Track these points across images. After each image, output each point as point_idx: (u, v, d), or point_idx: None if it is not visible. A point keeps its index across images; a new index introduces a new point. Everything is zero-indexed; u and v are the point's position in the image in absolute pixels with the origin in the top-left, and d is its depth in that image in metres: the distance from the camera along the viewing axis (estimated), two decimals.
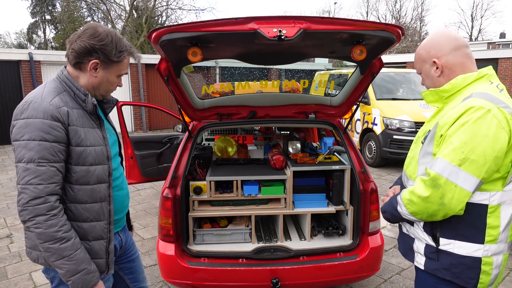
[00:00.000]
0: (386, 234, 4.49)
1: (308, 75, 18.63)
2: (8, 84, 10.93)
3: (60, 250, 1.44)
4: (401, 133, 7.32)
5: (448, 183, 1.42)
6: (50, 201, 1.41)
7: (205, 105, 3.17)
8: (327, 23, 2.12)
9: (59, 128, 1.44)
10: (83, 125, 1.54)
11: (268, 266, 2.65)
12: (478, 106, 1.41)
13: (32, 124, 1.41)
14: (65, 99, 1.52)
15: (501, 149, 1.39)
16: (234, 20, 2.06)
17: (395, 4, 43.22)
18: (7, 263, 3.89)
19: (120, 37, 1.61)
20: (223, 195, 2.91)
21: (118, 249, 1.83)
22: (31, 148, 1.40)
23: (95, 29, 1.55)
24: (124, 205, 1.81)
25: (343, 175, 2.96)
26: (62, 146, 1.46)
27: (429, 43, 1.63)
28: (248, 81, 3.53)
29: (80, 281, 1.48)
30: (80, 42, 1.52)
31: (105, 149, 1.62)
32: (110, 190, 1.64)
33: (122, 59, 1.60)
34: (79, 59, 1.54)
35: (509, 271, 3.58)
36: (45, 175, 1.41)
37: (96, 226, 1.58)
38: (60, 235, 1.43)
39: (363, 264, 2.72)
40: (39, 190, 1.40)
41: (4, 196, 6.17)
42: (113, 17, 25.60)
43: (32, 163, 1.40)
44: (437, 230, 1.55)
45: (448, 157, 1.43)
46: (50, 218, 1.41)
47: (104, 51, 1.54)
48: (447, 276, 1.53)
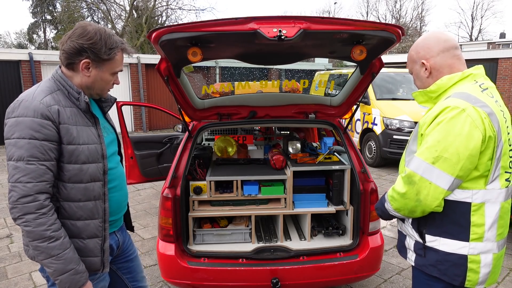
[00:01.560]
0: (386, 234, 4.49)
1: (308, 75, 18.63)
2: (8, 84, 10.92)
3: (49, 249, 1.43)
4: (401, 133, 7.33)
5: (422, 180, 1.48)
6: (39, 200, 1.41)
7: (205, 105, 3.17)
8: (327, 23, 2.12)
9: (49, 127, 1.44)
10: (76, 123, 1.53)
11: (268, 266, 2.65)
12: (453, 106, 1.45)
13: (22, 123, 1.41)
14: (58, 98, 1.51)
15: (475, 148, 1.42)
16: (234, 20, 2.06)
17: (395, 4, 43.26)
18: (7, 263, 3.89)
19: (111, 34, 1.58)
20: (223, 195, 2.91)
21: (115, 249, 1.82)
22: (21, 146, 1.40)
23: (84, 28, 1.53)
24: (122, 206, 1.80)
25: (343, 175, 2.96)
26: (53, 145, 1.45)
27: (419, 45, 1.68)
28: (248, 81, 3.53)
29: (68, 281, 1.48)
30: (69, 43, 1.51)
31: (99, 147, 1.60)
32: (105, 188, 1.62)
33: (113, 56, 1.58)
34: (70, 60, 1.54)
35: (509, 271, 3.58)
36: (34, 173, 1.40)
37: (90, 224, 1.57)
38: (49, 234, 1.42)
39: (363, 264, 2.73)
40: (28, 188, 1.40)
41: (4, 196, 6.17)
42: (113, 17, 25.61)
43: (22, 161, 1.40)
44: (424, 227, 1.59)
45: (422, 155, 1.48)
46: (39, 216, 1.41)
47: (93, 49, 1.52)
48: (434, 273, 1.56)
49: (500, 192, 1.51)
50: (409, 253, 1.69)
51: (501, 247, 1.58)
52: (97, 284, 1.68)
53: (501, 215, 1.53)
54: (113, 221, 1.75)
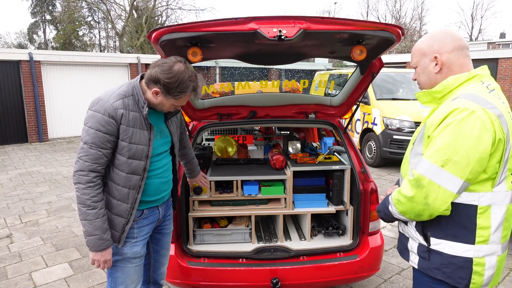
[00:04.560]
0: (386, 234, 4.49)
1: (308, 75, 18.64)
2: (8, 84, 10.91)
3: (85, 214, 1.82)
4: (401, 133, 7.32)
5: (431, 184, 1.44)
6: (89, 176, 1.81)
7: (205, 105, 3.17)
8: (327, 23, 2.12)
9: (112, 124, 1.82)
10: (134, 125, 1.88)
11: (268, 266, 2.65)
12: (462, 108, 1.41)
13: (95, 117, 1.81)
14: (128, 102, 1.87)
15: (485, 150, 1.39)
16: (234, 20, 2.06)
17: (395, 4, 43.27)
18: (7, 263, 3.88)
19: (189, 79, 1.85)
20: (223, 195, 2.91)
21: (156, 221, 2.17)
22: (89, 134, 1.80)
23: (172, 65, 1.83)
24: (161, 190, 2.11)
25: (343, 175, 2.95)
26: (112, 138, 1.83)
27: (433, 38, 1.61)
28: (248, 81, 3.53)
29: (92, 243, 1.86)
30: (154, 70, 1.84)
31: (146, 148, 1.93)
32: (142, 182, 1.95)
33: (179, 97, 1.89)
34: (148, 82, 1.88)
35: (509, 271, 3.58)
36: (93, 156, 1.80)
37: (121, 206, 1.93)
38: (89, 203, 1.81)
39: (363, 264, 2.72)
40: (84, 165, 1.81)
41: (4, 196, 6.17)
42: (113, 17, 25.63)
43: (87, 144, 1.80)
44: (428, 229, 1.56)
45: (431, 158, 1.44)
46: (86, 188, 1.81)
47: (166, 87, 1.83)
48: (438, 276, 1.54)
49: (506, 194, 1.49)
50: (411, 256, 1.66)
51: (504, 249, 1.57)
52: (131, 247, 2.01)
53: (507, 217, 1.51)
54: (153, 200, 2.08)
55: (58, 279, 3.55)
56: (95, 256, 1.89)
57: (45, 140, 11.48)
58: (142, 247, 2.07)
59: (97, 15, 29.17)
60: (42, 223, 4.96)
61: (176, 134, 2.19)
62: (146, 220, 2.08)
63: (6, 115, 10.91)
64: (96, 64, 12.47)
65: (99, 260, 1.90)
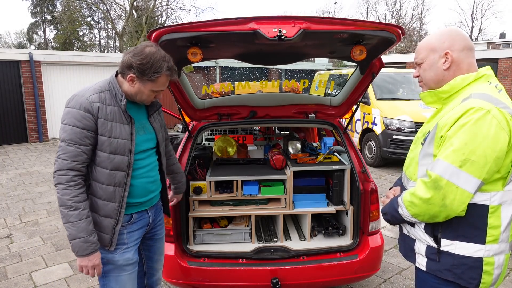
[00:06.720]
0: (386, 234, 4.49)
1: (308, 75, 18.64)
2: (8, 84, 10.91)
3: (68, 216, 1.72)
4: (401, 133, 7.32)
5: (449, 185, 1.42)
6: (69, 175, 1.72)
7: (205, 105, 3.17)
8: (327, 23, 2.12)
9: (89, 119, 1.75)
10: (113, 119, 1.81)
11: (268, 266, 2.65)
12: (477, 107, 1.40)
13: (71, 113, 1.75)
14: (104, 97, 1.81)
15: (501, 150, 1.39)
16: (234, 20, 2.06)
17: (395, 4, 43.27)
18: (7, 263, 3.89)
19: (162, 59, 1.80)
20: (223, 195, 2.91)
21: (146, 225, 2.09)
22: (66, 131, 1.74)
23: (143, 49, 1.79)
24: (148, 190, 2.02)
25: (343, 175, 2.95)
26: (91, 134, 1.76)
27: (444, 35, 1.60)
28: (248, 81, 3.53)
29: (77, 246, 1.75)
30: (126, 57, 1.80)
31: (129, 143, 1.85)
32: (128, 179, 1.87)
33: (155, 78, 1.81)
34: (122, 70, 1.83)
35: (509, 271, 3.58)
36: (70, 153, 1.73)
37: (108, 205, 1.84)
38: (70, 203, 1.72)
39: (363, 264, 2.72)
40: (63, 164, 1.73)
41: (4, 196, 6.17)
42: (113, 17, 25.63)
43: (64, 142, 1.73)
44: (438, 231, 1.54)
45: (449, 158, 1.42)
46: (67, 187, 1.72)
47: (139, 69, 1.77)
48: (448, 277, 1.53)
49: None
50: (418, 258, 1.64)
51: (511, 248, 1.57)
52: (122, 254, 1.92)
53: None
54: (141, 202, 1.99)
55: (58, 279, 3.55)
56: (82, 261, 1.77)
57: (45, 140, 11.49)
58: (133, 253, 1.98)
59: (97, 15, 29.21)
60: (42, 223, 4.96)
61: (161, 133, 2.11)
62: (136, 225, 2.00)
63: (6, 115, 10.92)
64: (96, 64, 12.47)
65: (87, 265, 1.78)
